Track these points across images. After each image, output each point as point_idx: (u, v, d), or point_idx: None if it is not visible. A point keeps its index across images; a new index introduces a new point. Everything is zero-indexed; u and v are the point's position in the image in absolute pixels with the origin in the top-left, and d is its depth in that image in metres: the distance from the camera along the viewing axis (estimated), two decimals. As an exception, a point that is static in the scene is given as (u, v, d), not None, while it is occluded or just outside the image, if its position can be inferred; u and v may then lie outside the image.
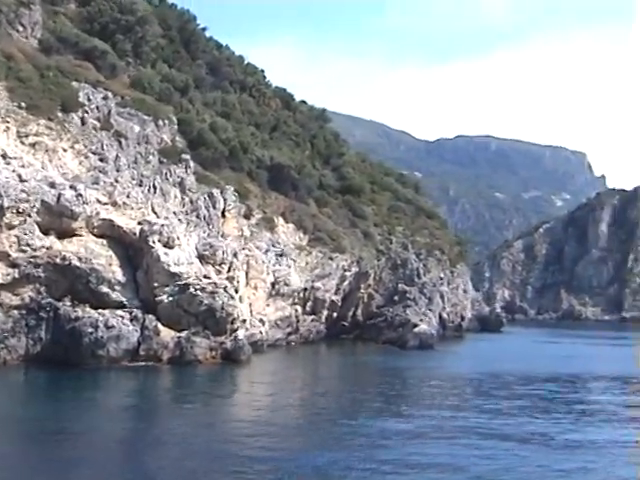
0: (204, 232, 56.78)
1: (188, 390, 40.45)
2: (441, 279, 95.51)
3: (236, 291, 54.18)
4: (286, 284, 67.97)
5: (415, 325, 76.62)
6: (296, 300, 73.54)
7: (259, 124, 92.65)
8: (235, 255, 56.25)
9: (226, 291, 51.77)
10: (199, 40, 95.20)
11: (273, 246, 68.16)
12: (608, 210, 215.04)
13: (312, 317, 75.96)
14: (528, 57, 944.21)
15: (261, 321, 61.85)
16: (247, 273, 61.56)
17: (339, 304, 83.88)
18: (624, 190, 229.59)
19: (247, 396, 39.90)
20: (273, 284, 66.27)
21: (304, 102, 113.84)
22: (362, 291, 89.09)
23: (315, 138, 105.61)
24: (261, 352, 59.47)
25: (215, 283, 51.58)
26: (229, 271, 55.02)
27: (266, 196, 77.70)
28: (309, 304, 75.88)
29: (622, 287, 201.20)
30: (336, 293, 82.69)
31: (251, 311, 60.92)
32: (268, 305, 66.02)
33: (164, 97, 74.27)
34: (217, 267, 53.87)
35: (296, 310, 73.61)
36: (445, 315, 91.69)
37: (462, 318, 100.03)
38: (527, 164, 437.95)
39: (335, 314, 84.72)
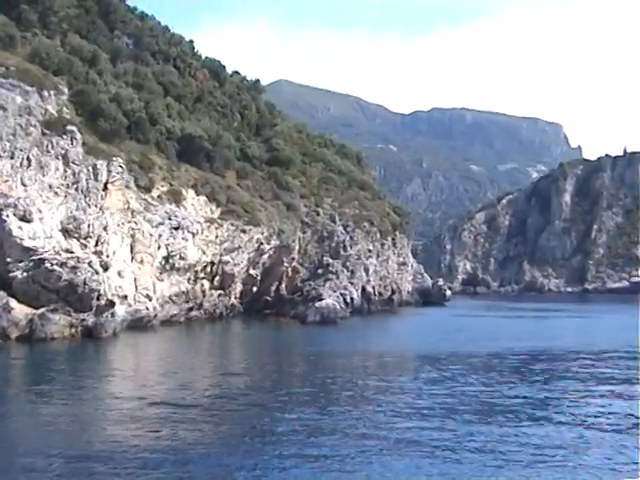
0: (76, 205, 54.29)
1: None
2: (369, 251, 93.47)
3: (104, 266, 51.94)
4: (182, 258, 65.80)
5: (319, 299, 74.46)
6: (202, 274, 71.58)
7: (181, 95, 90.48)
8: (105, 229, 53.96)
9: (91, 266, 49.68)
10: (118, 10, 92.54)
11: (169, 219, 65.76)
12: (571, 181, 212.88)
13: (219, 292, 73.62)
14: (503, 29, 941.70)
15: (147, 296, 59.69)
16: (133, 247, 59.43)
17: (258, 278, 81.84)
18: (588, 160, 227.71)
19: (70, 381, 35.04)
20: (167, 258, 64.11)
21: (237, 73, 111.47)
22: (285, 265, 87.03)
23: (246, 109, 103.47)
24: (148, 329, 57.51)
25: (78, 258, 49.43)
26: (97, 245, 52.77)
27: (174, 168, 75.46)
28: (217, 278, 73.73)
29: (585, 259, 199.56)
30: (254, 267, 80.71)
31: (136, 286, 58.84)
32: (162, 280, 63.87)
33: (64, 68, 71.88)
34: (82, 241, 51.69)
35: (202, 285, 71.63)
36: (370, 288, 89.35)
37: (393, 291, 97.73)
38: (503, 136, 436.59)
39: (255, 289, 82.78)
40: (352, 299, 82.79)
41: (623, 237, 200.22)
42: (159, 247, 63.04)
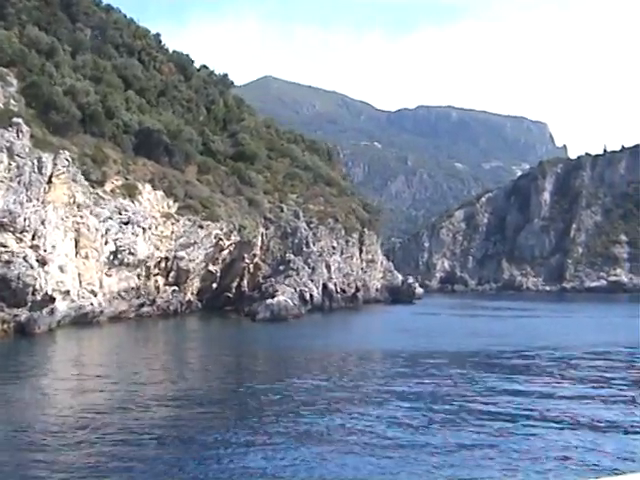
0: (14, 199, 53.08)
1: None
2: (333, 248, 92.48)
3: (41, 260, 50.85)
4: (131, 253, 64.73)
5: (272, 296, 73.43)
6: (156, 270, 70.62)
7: (144, 89, 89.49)
8: (43, 222, 52.87)
9: (25, 260, 48.61)
10: (81, 2, 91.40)
11: (119, 214, 64.67)
12: (551, 179, 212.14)
13: (174, 288, 72.57)
14: (489, 27, 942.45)
15: (92, 292, 58.63)
16: (78, 242, 58.35)
17: (218, 274, 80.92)
18: (568, 159, 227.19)
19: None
20: (115, 253, 63.04)
21: (205, 67, 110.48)
22: (247, 261, 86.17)
23: (213, 104, 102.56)
24: (94, 325, 56.50)
25: (12, 252, 48.34)
26: (34, 239, 51.66)
27: (130, 162, 74.36)
28: (172, 274, 72.72)
29: (564, 257, 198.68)
30: (213, 263, 79.82)
31: (80, 282, 57.79)
32: (110, 275, 62.80)
33: (17, 60, 70.84)
34: (18, 235, 50.53)
35: (156, 281, 70.65)
36: (332, 285, 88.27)
37: (357, 289, 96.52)
38: (488, 134, 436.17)
39: (215, 285, 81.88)
40: (312, 296, 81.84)
41: (602, 236, 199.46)
42: (106, 242, 61.93)
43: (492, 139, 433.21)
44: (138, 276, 66.48)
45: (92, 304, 57.98)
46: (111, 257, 62.78)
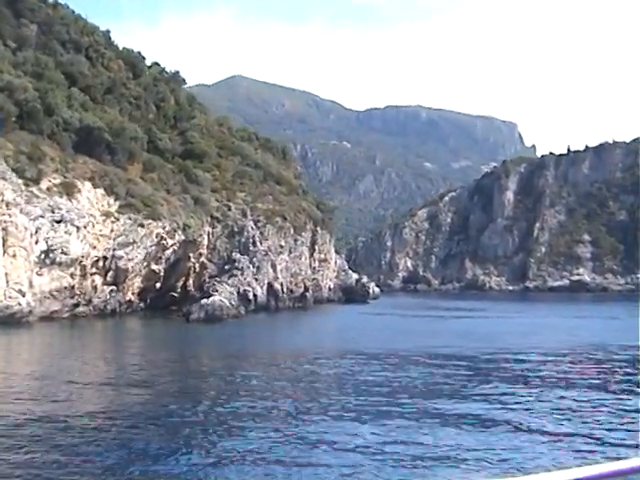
0: None
1: None
2: (281, 247, 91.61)
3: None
4: (64, 252, 63.51)
5: (209, 296, 72.32)
6: (93, 269, 69.49)
7: (90, 86, 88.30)
8: (-38, 220, 51.73)
9: (-58, 259, 47.39)
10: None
11: (52, 212, 63.46)
12: (514, 178, 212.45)
13: (112, 288, 71.39)
14: (458, 27, 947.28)
15: (20, 292, 57.43)
16: (5, 240, 57.15)
17: (161, 274, 79.82)
18: (531, 158, 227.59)
19: None
20: (46, 252, 61.84)
21: (157, 64, 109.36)
22: (192, 260, 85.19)
23: (163, 101, 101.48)
24: (23, 325, 55.26)
25: None
26: (-47, 237, 50.54)
27: (69, 160, 73.11)
28: (110, 274, 71.54)
29: (527, 257, 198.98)
30: (156, 262, 78.73)
31: (7, 281, 56.60)
32: (41, 275, 61.61)
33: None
34: None
35: (93, 280, 69.49)
36: (277, 285, 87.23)
37: (306, 288, 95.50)
38: (457, 134, 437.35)
39: (159, 285, 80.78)
40: (255, 296, 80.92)
41: (565, 236, 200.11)
42: (37, 241, 60.69)
43: (461, 139, 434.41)
44: (72, 275, 65.16)
45: (20, 304, 56.74)
46: (42, 256, 61.52)
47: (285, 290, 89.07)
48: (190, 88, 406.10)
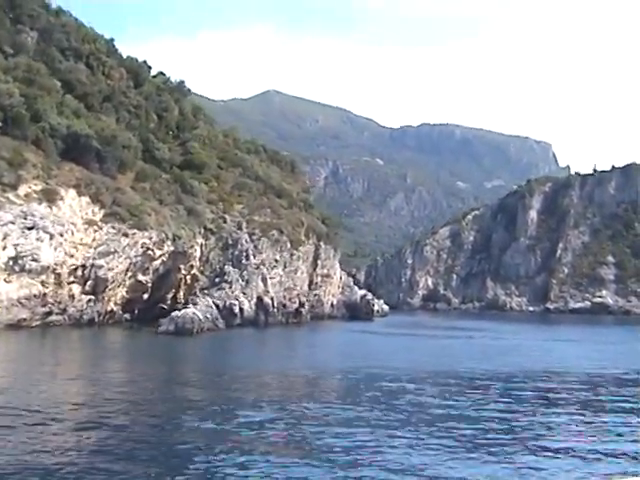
0: None
1: None
2: (276, 261, 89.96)
3: None
4: (34, 260, 62.37)
5: (174, 309, 70.90)
6: (71, 278, 68.30)
7: (88, 93, 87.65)
8: None
9: None
10: (24, 5, 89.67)
11: (24, 219, 62.40)
12: (539, 198, 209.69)
13: (90, 297, 70.03)
14: (495, 46, 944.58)
15: (-19, 299, 56.37)
16: (-31, 246, 56.22)
17: (149, 285, 78.54)
18: (556, 178, 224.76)
19: None
20: (14, 259, 60.74)
21: (162, 74, 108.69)
22: (183, 272, 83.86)
23: (166, 111, 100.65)
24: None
25: None
26: None
27: (53, 166, 72.14)
28: (90, 283, 70.26)
29: (549, 277, 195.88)
30: (143, 273, 77.51)
31: (-31, 287, 55.61)
32: (9, 282, 60.48)
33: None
34: None
35: (70, 289, 68.25)
36: (268, 299, 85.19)
37: (301, 304, 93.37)
38: (491, 153, 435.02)
39: (146, 296, 79.47)
40: (242, 309, 79.33)
41: (589, 257, 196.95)
42: (4, 247, 59.63)
43: (495, 158, 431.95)
44: (43, 283, 63.93)
45: (-19, 311, 55.66)
46: (10, 263, 60.43)
47: (276, 305, 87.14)
48: (225, 102, 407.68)
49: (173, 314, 66.72)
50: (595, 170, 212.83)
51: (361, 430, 23.73)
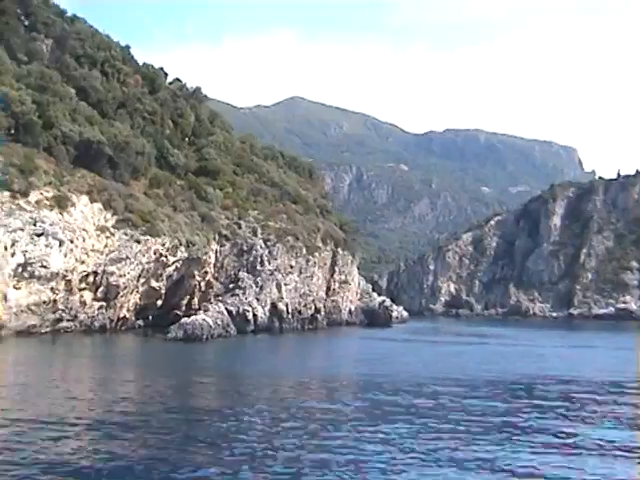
0: None
1: None
2: (291, 267, 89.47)
3: None
4: (43, 266, 62.21)
5: (188, 315, 70.53)
6: (83, 285, 68.13)
7: (102, 100, 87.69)
8: None
9: None
10: (39, 12, 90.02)
11: (34, 225, 62.26)
12: (562, 203, 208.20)
13: (101, 304, 69.83)
14: (520, 50, 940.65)
15: (-11, 305, 56.23)
16: (-24, 253, 56.12)
17: (162, 291, 78.31)
18: (580, 183, 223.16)
19: None
20: (23, 265, 60.58)
21: (178, 80, 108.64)
22: (198, 278, 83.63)
23: (181, 117, 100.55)
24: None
25: None
26: None
27: (65, 173, 72.07)
28: (101, 289, 70.09)
29: (573, 283, 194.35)
30: (157, 279, 77.29)
31: (-24, 294, 55.51)
32: (18, 288, 60.34)
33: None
34: None
35: (82, 296, 68.06)
36: (282, 306, 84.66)
37: (316, 310, 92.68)
38: (516, 158, 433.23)
39: (160, 302, 79.28)
40: (255, 316, 78.91)
41: (613, 262, 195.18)
42: (13, 254, 59.48)
43: (520, 163, 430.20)
44: (53, 289, 63.74)
45: (-12, 318, 55.54)
46: (19, 269, 60.30)
47: (291, 311, 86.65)
48: (249, 109, 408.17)
49: (182, 320, 66.55)
50: (619, 175, 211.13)
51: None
